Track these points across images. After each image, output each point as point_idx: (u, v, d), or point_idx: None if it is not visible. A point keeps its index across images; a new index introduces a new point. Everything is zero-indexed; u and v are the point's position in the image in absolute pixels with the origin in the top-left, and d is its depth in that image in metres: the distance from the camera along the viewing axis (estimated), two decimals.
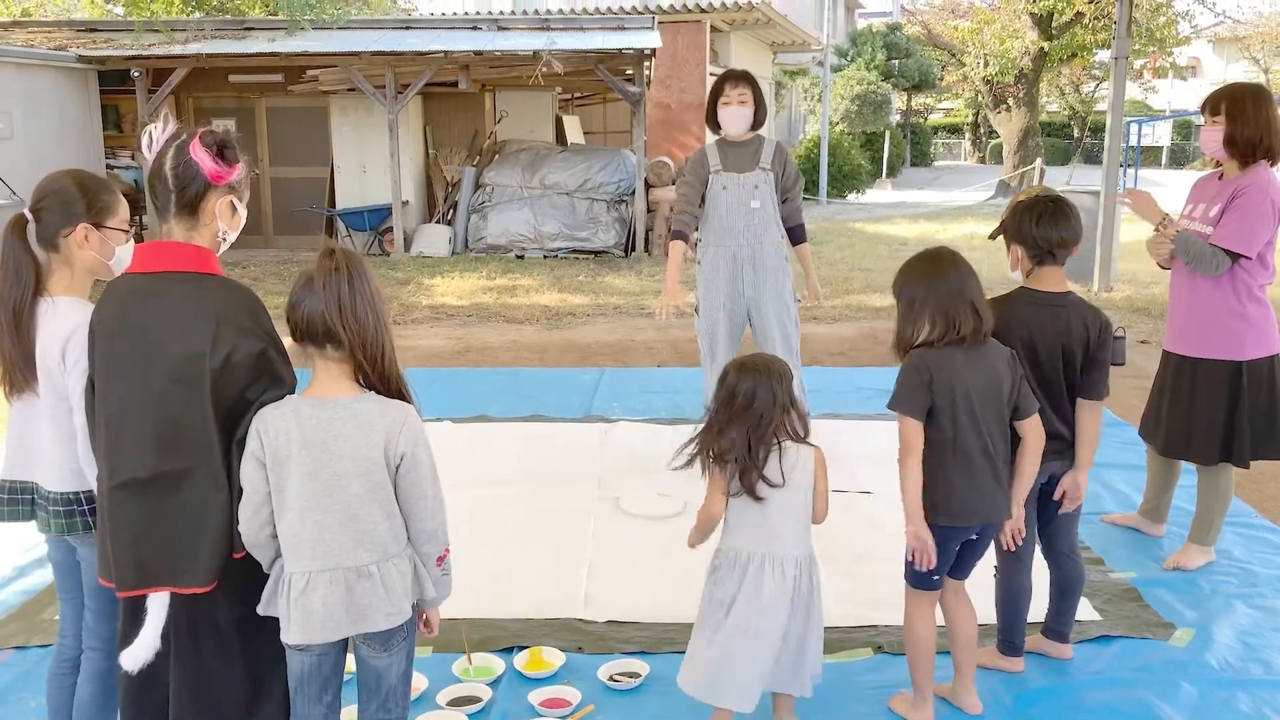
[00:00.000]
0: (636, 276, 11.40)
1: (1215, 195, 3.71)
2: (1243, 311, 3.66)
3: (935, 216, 18.40)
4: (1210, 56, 43.80)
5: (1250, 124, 3.59)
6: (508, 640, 3.32)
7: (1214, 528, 3.88)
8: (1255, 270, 3.66)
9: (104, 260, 2.40)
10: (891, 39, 31.02)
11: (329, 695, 2.24)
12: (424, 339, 8.29)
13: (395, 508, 2.15)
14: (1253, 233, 3.59)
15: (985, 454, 2.73)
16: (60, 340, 2.28)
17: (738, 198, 4.76)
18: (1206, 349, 3.72)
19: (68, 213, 2.35)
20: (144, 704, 2.24)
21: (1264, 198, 3.57)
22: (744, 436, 2.55)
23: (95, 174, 2.46)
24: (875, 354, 7.70)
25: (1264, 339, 3.69)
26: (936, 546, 2.73)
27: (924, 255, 2.80)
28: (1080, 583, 3.22)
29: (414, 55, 12.42)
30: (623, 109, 15.09)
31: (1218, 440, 3.73)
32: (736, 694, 2.61)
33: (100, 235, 2.38)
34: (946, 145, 43.78)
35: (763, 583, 2.58)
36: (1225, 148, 3.64)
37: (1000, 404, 2.74)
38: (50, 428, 2.35)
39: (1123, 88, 10.24)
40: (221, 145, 2.18)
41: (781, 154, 4.86)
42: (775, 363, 2.65)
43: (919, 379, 2.68)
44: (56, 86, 12.21)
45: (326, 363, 2.13)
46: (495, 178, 13.18)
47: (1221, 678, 3.12)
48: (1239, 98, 3.64)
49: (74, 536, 2.39)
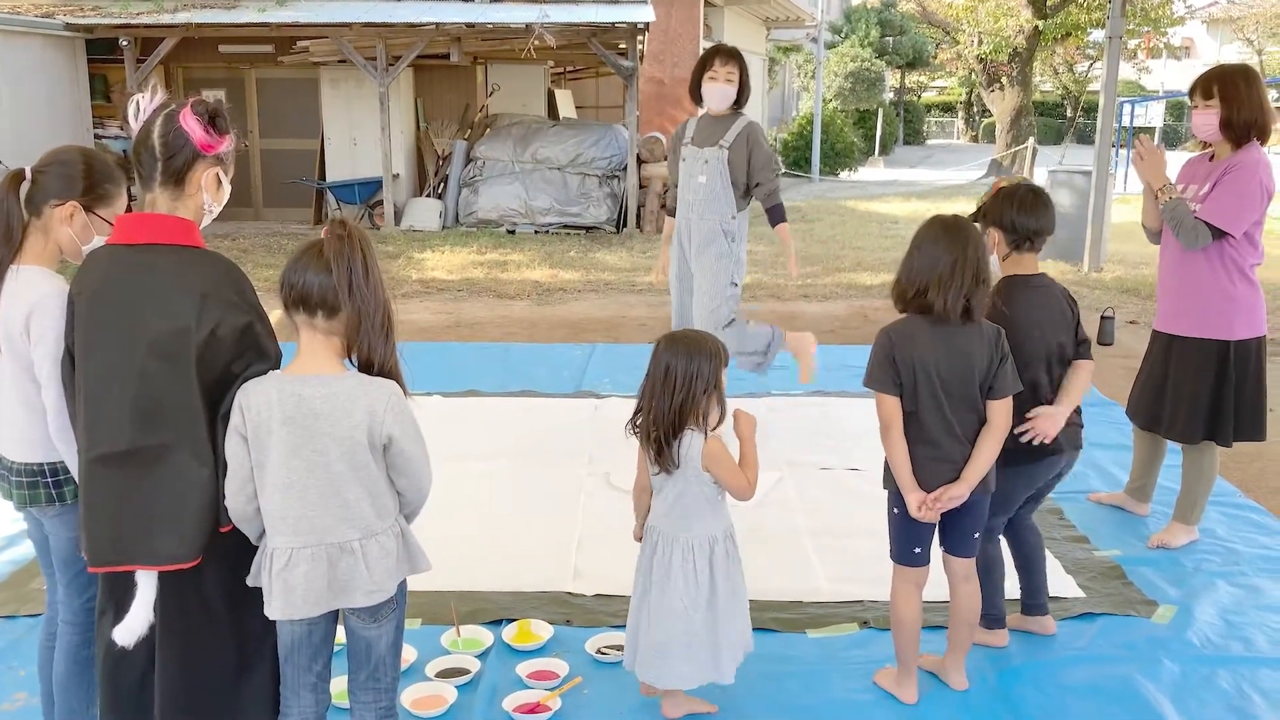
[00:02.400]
0: (628, 252, 11.38)
1: (1206, 176, 3.72)
2: (1233, 292, 3.67)
3: (927, 195, 18.39)
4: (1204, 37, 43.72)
5: (1245, 106, 3.60)
6: (496, 613, 3.34)
7: (1198, 507, 3.91)
8: (1245, 250, 3.67)
9: (79, 244, 2.35)
10: (886, 16, 30.91)
11: (319, 664, 2.26)
12: (414, 313, 8.27)
13: (379, 486, 2.15)
14: (1239, 210, 3.60)
15: (950, 432, 2.72)
16: (24, 310, 2.23)
17: (690, 170, 4.81)
18: (1196, 328, 3.74)
19: (65, 186, 2.31)
20: (120, 683, 2.23)
21: (1254, 177, 3.59)
22: (664, 412, 2.58)
23: (109, 161, 2.40)
24: (866, 332, 7.71)
25: (1252, 320, 3.71)
26: (905, 519, 2.77)
27: (943, 219, 2.81)
28: (1040, 551, 3.26)
29: (405, 27, 12.32)
30: (615, 83, 15.02)
31: (1202, 419, 3.76)
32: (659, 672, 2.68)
33: (86, 219, 2.34)
34: (939, 123, 43.70)
35: (671, 563, 2.65)
36: (1221, 130, 3.64)
37: (970, 384, 2.73)
38: (18, 397, 2.30)
39: (1116, 67, 10.22)
40: (213, 115, 2.16)
41: (749, 135, 4.73)
42: (708, 341, 2.64)
43: (884, 354, 2.73)
44: (43, 54, 12.08)
45: (313, 334, 2.11)
46: (486, 151, 13.12)
47: (1203, 655, 3.16)
48: (1232, 80, 3.64)
49: (36, 509, 2.36)
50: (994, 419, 2.77)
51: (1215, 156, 3.75)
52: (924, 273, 2.71)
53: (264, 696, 2.28)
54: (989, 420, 2.77)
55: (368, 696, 2.30)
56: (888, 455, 2.76)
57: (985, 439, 2.77)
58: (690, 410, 2.58)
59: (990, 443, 2.76)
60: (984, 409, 2.75)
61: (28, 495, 2.34)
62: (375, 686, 2.29)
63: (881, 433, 2.76)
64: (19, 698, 2.90)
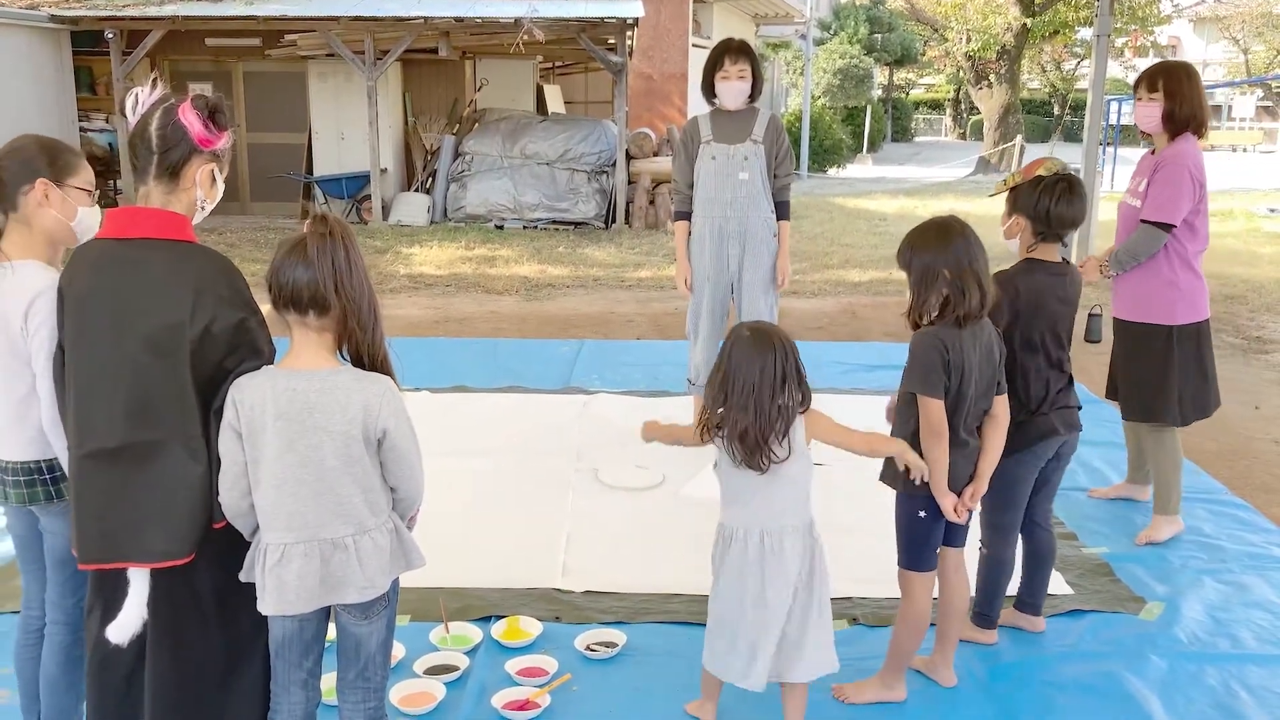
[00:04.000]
0: (616, 248, 11.37)
1: (1145, 168, 3.91)
2: (1174, 279, 3.84)
3: (915, 192, 18.42)
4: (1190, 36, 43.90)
5: (1187, 100, 3.76)
6: (485, 610, 3.33)
7: (1173, 494, 3.98)
8: (1185, 238, 3.83)
9: (65, 221, 2.33)
10: (874, 13, 30.93)
11: (309, 661, 2.24)
12: (402, 308, 8.24)
13: (372, 481, 2.14)
14: (1174, 202, 3.75)
15: (970, 430, 2.77)
16: (22, 305, 2.21)
17: (726, 169, 4.68)
18: (1141, 313, 3.90)
19: (27, 169, 2.29)
20: (106, 681, 2.21)
21: (1182, 169, 3.75)
22: (768, 411, 2.46)
23: (60, 139, 2.38)
24: (853, 328, 7.73)
25: (1194, 306, 3.87)
26: (932, 523, 2.76)
27: (934, 224, 2.77)
28: (1052, 554, 3.25)
29: (393, 20, 12.27)
30: (604, 79, 14.97)
31: (1149, 399, 3.90)
32: (738, 668, 2.57)
33: (61, 194, 2.31)
34: (928, 121, 43.77)
35: (784, 554, 2.52)
36: (1163, 123, 3.80)
37: (992, 380, 2.77)
38: (6, 395, 2.29)
39: (1104, 65, 10.25)
40: (213, 110, 2.14)
41: (775, 126, 4.75)
42: (777, 328, 2.57)
43: (939, 358, 2.65)
44: (28, 46, 11.99)
45: (306, 332, 2.10)
46: (475, 146, 13.08)
47: (1190, 651, 3.18)
48: (1175, 75, 3.82)
49: (36, 506, 2.34)
50: (999, 411, 2.80)
51: (1155, 150, 3.92)
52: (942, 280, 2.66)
53: (255, 694, 2.26)
54: (993, 414, 2.80)
55: (356, 695, 2.29)
56: (934, 460, 2.68)
57: (993, 432, 2.80)
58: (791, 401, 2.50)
59: (998, 435, 2.81)
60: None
61: (25, 494, 2.33)
62: (365, 685, 2.28)
63: (933, 438, 2.67)
64: (3, 695, 2.87)
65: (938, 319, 2.70)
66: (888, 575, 2.95)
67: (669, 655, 3.09)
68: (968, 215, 3.06)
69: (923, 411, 2.68)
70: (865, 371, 6.28)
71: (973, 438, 2.78)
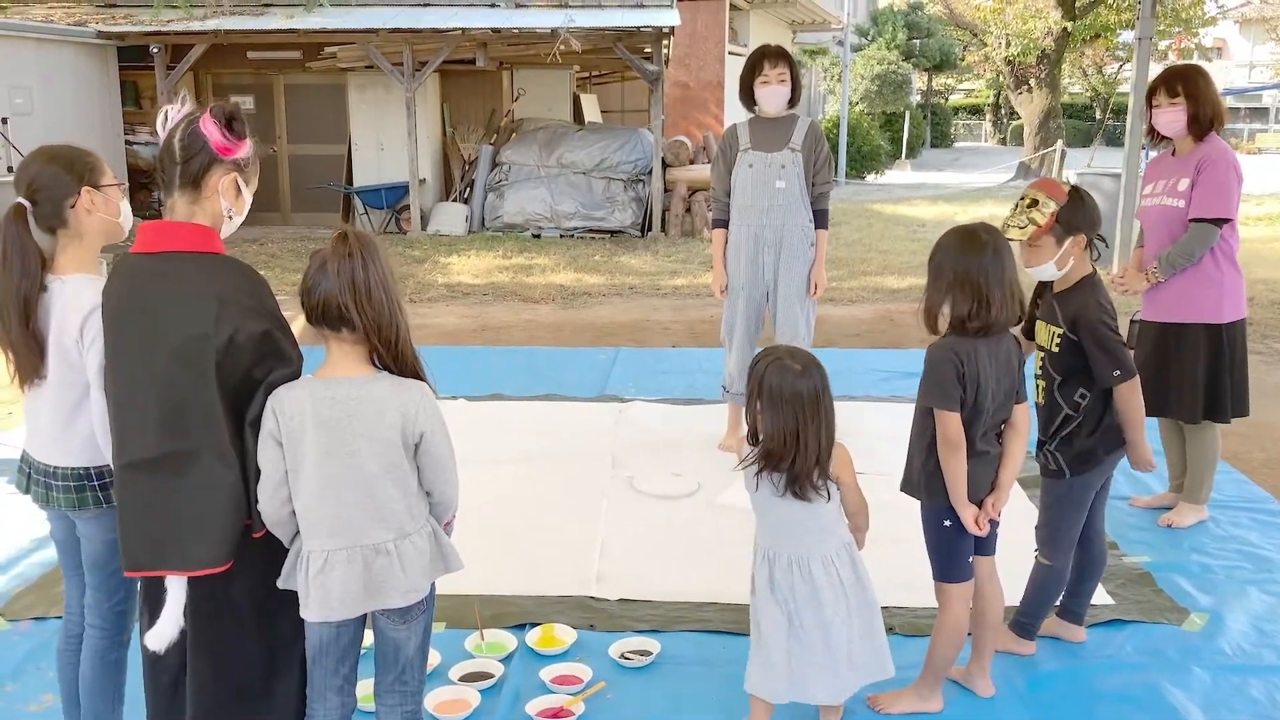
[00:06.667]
0: (653, 256, 11.38)
1: (1175, 170, 3.93)
2: (1220, 277, 3.88)
3: (955, 198, 18.28)
4: (1236, 37, 43.23)
5: (1207, 101, 3.85)
6: (520, 617, 3.34)
7: (1205, 486, 4.07)
8: (1229, 235, 3.88)
9: (113, 219, 2.39)
10: (912, 18, 30.75)
11: (346, 667, 2.27)
12: (440, 317, 8.31)
13: (411, 485, 2.17)
14: (1228, 195, 3.83)
15: (988, 440, 2.74)
16: (79, 317, 2.27)
17: (763, 177, 4.66)
18: (1190, 314, 3.91)
19: (62, 183, 2.32)
20: (158, 685, 2.26)
21: (1227, 164, 3.84)
22: (821, 440, 2.46)
23: (51, 146, 2.41)
24: (891, 335, 7.67)
25: (1237, 304, 3.93)
26: (959, 532, 2.73)
27: (961, 231, 2.75)
28: (1102, 564, 3.21)
29: (431, 32, 12.38)
30: (641, 87, 15.02)
31: (1201, 400, 3.92)
32: (781, 690, 2.58)
33: (103, 195, 2.37)
34: (967, 126, 43.40)
35: (814, 579, 2.53)
36: (1189, 126, 3.87)
37: (1011, 391, 2.75)
38: (57, 405, 2.33)
39: (1146, 69, 10.11)
40: (230, 118, 2.17)
41: (815, 134, 4.72)
42: (813, 358, 2.55)
43: (954, 371, 2.63)
44: (75, 62, 12.24)
45: (341, 344, 2.13)
46: (512, 156, 13.16)
47: (1234, 663, 3.11)
48: (1193, 78, 3.88)
49: (84, 511, 2.38)
50: (1019, 420, 2.78)
51: (1177, 152, 3.96)
52: (962, 289, 2.64)
53: (293, 700, 2.29)
54: (1013, 422, 2.77)
55: (394, 699, 2.31)
56: (951, 472, 2.67)
57: (1014, 442, 2.78)
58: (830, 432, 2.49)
59: (1019, 445, 2.78)
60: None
61: (75, 499, 2.37)
62: (402, 689, 2.30)
63: (949, 450, 2.66)
64: (46, 699, 2.92)
65: (955, 329, 2.67)
66: (922, 583, 2.93)
67: (703, 664, 3.08)
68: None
69: (939, 424, 2.66)
70: (902, 379, 6.23)
71: (992, 447, 2.75)
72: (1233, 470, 4.65)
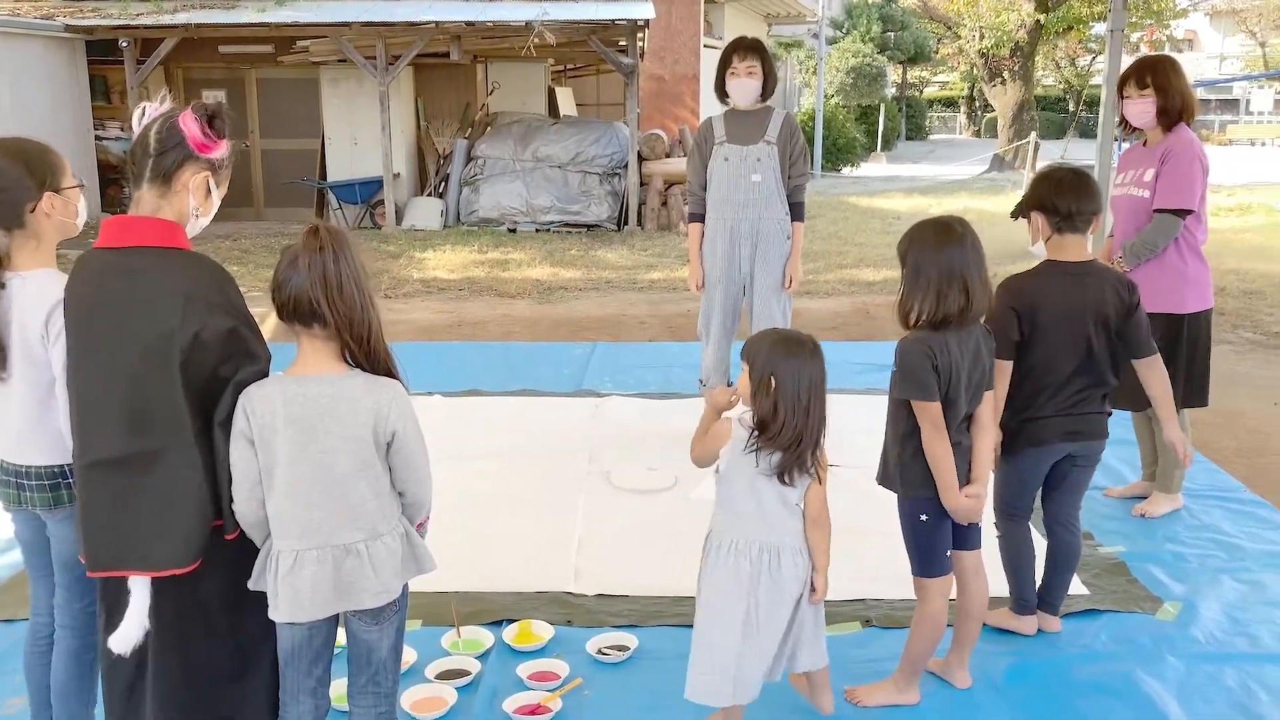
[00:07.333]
0: (629, 250, 11.36)
1: (1143, 160, 3.98)
2: (1183, 268, 3.90)
3: (930, 190, 18.35)
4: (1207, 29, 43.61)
5: (1177, 92, 3.87)
6: (497, 613, 3.32)
7: (1176, 475, 4.10)
8: (1194, 226, 3.91)
9: (71, 220, 2.36)
10: (887, 11, 30.82)
11: (319, 669, 2.24)
12: (415, 312, 8.26)
13: (384, 485, 2.14)
14: (1190, 187, 3.85)
15: (961, 429, 2.75)
16: (43, 313, 2.23)
17: (739, 170, 4.65)
18: (1152, 304, 3.82)
19: (24, 188, 2.28)
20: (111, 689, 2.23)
21: (1192, 156, 3.86)
22: (819, 421, 2.46)
23: (16, 140, 2.36)
24: (867, 328, 7.70)
25: (1202, 294, 3.96)
26: (936, 526, 2.74)
27: (933, 224, 2.76)
28: (1076, 557, 3.23)
29: (405, 26, 12.31)
30: (616, 81, 14.99)
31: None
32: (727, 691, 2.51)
33: (63, 199, 2.34)
34: (941, 119, 43.62)
35: (782, 570, 2.49)
36: (1158, 117, 3.90)
37: (982, 381, 2.75)
38: (24, 403, 2.30)
39: (1119, 61, 10.12)
40: (212, 116, 2.14)
41: (790, 127, 4.72)
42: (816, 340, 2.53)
43: (926, 362, 2.63)
44: (44, 56, 12.08)
45: (313, 340, 2.11)
46: (487, 150, 13.10)
47: (1207, 651, 3.14)
48: (1163, 69, 3.90)
49: (59, 510, 2.34)
50: (985, 411, 2.79)
51: (1148, 142, 4.01)
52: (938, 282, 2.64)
53: (262, 701, 2.26)
54: (981, 412, 2.78)
55: (367, 701, 2.28)
56: (936, 462, 2.66)
57: (983, 433, 2.79)
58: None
59: (989, 435, 2.81)
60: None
61: (50, 498, 2.33)
62: (376, 691, 2.28)
63: (931, 440, 2.66)
64: (14, 702, 2.88)
65: (925, 321, 2.67)
66: (899, 576, 2.93)
67: (681, 659, 3.04)
68: (981, 213, 3.05)
69: (922, 415, 2.66)
70: (879, 372, 6.23)
71: (964, 438, 2.76)
72: (1204, 459, 4.68)
